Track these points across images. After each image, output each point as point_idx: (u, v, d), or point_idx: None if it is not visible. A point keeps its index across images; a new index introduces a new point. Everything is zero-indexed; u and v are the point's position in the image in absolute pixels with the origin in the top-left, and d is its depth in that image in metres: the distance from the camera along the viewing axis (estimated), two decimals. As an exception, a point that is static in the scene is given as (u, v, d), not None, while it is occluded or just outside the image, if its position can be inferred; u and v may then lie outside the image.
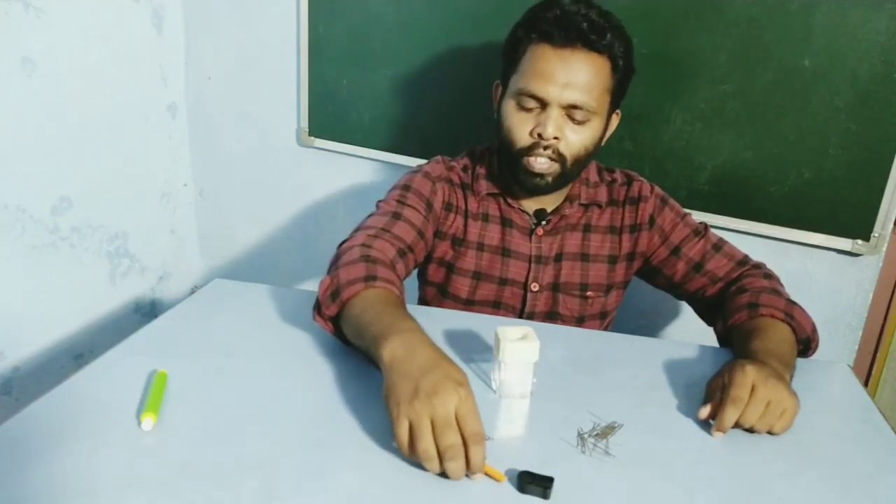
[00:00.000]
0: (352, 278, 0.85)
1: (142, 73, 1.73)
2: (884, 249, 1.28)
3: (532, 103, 0.97)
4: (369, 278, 0.85)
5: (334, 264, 0.91)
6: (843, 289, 1.36)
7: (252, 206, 1.90)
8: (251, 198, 1.90)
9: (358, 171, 1.72)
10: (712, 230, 1.12)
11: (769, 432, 0.76)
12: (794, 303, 0.97)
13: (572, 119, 0.97)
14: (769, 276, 1.06)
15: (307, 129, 1.72)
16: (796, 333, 0.93)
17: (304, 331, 0.94)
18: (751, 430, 0.76)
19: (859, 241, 1.28)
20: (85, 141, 1.58)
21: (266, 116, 1.78)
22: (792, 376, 0.85)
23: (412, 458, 0.65)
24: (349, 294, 0.84)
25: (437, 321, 0.98)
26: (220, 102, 1.84)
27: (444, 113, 1.53)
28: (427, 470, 0.65)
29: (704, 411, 0.77)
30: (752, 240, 1.34)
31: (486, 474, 0.65)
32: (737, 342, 0.94)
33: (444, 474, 0.64)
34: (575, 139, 0.98)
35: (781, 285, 1.04)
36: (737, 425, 0.75)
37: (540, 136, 0.97)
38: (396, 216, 1.01)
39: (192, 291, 1.16)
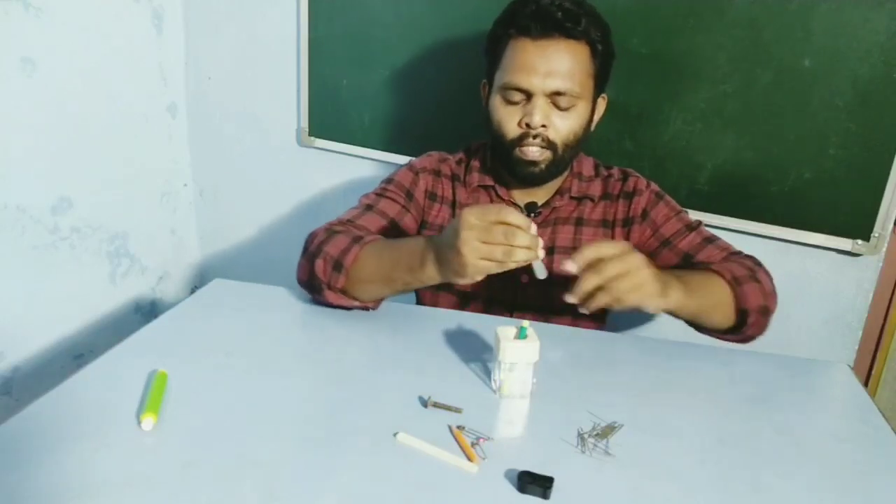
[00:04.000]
0: (343, 248, 0.93)
1: (142, 73, 1.72)
2: (884, 249, 1.28)
3: (518, 96, 1.00)
4: (357, 240, 0.94)
5: (307, 251, 0.98)
6: (843, 289, 1.36)
7: (252, 206, 1.90)
8: (251, 198, 1.90)
9: (358, 171, 1.72)
10: (707, 228, 1.12)
11: (617, 300, 0.79)
12: (756, 280, 0.97)
13: (558, 106, 1.00)
14: (756, 263, 1.04)
15: (307, 129, 1.72)
16: (737, 299, 0.94)
17: (305, 331, 0.94)
18: (603, 299, 0.79)
19: (859, 241, 1.28)
20: (85, 141, 1.58)
21: (266, 116, 1.78)
22: (687, 306, 0.88)
23: (510, 266, 0.78)
24: (351, 259, 0.91)
25: (438, 321, 0.98)
26: (220, 102, 1.84)
27: (444, 112, 1.53)
28: (521, 263, 0.78)
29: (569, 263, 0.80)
30: (752, 240, 1.34)
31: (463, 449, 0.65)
32: None
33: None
34: (562, 125, 1.01)
35: (768, 277, 1.03)
36: (586, 278, 0.79)
37: (528, 125, 1.00)
38: (369, 208, 1.08)
39: (192, 291, 1.16)
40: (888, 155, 1.22)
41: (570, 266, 0.79)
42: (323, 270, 0.94)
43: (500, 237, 0.76)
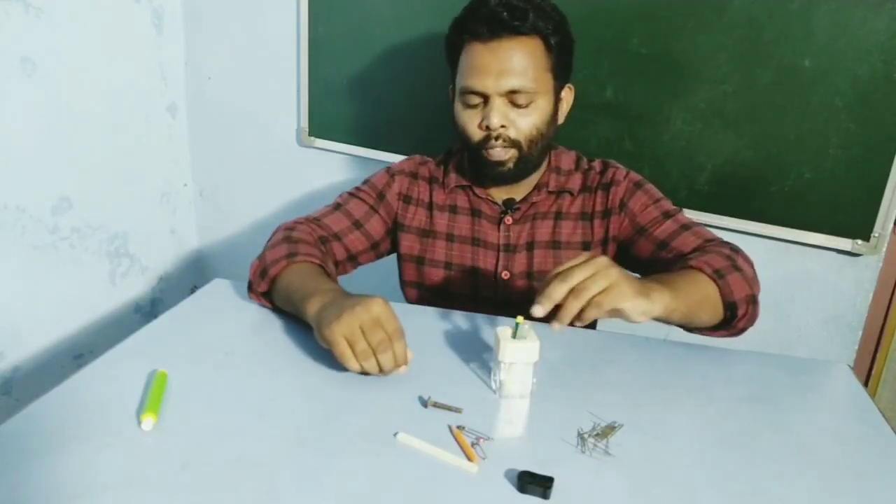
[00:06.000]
0: (276, 258, 0.96)
1: (142, 73, 1.73)
2: (884, 249, 1.28)
3: (475, 99, 1.01)
4: (290, 255, 0.96)
5: (264, 246, 1.02)
6: (843, 289, 1.36)
7: (252, 206, 1.90)
8: (251, 198, 1.90)
9: (358, 171, 1.72)
10: (707, 228, 1.11)
11: (590, 304, 0.74)
12: (737, 269, 0.93)
13: (516, 104, 1.00)
14: (734, 249, 1.00)
15: (307, 129, 1.72)
16: (722, 293, 0.92)
17: (304, 331, 0.94)
18: (574, 305, 0.74)
19: (859, 241, 1.28)
20: (85, 141, 1.58)
21: (266, 116, 1.79)
22: (678, 310, 0.84)
23: (353, 365, 0.76)
24: (275, 271, 0.95)
25: (438, 321, 0.98)
26: (220, 102, 1.84)
27: (444, 112, 1.52)
28: (367, 372, 0.77)
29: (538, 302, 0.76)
30: (752, 240, 1.34)
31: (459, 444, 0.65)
32: None
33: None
34: (523, 122, 1.01)
35: (749, 263, 0.99)
36: (552, 287, 0.75)
37: (488, 127, 1.01)
38: (337, 207, 1.12)
39: (192, 291, 1.16)
40: (888, 155, 1.22)
41: (538, 304, 0.76)
42: (253, 271, 0.98)
43: (374, 338, 0.76)
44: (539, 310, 0.76)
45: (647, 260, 1.08)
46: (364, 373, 0.78)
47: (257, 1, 1.70)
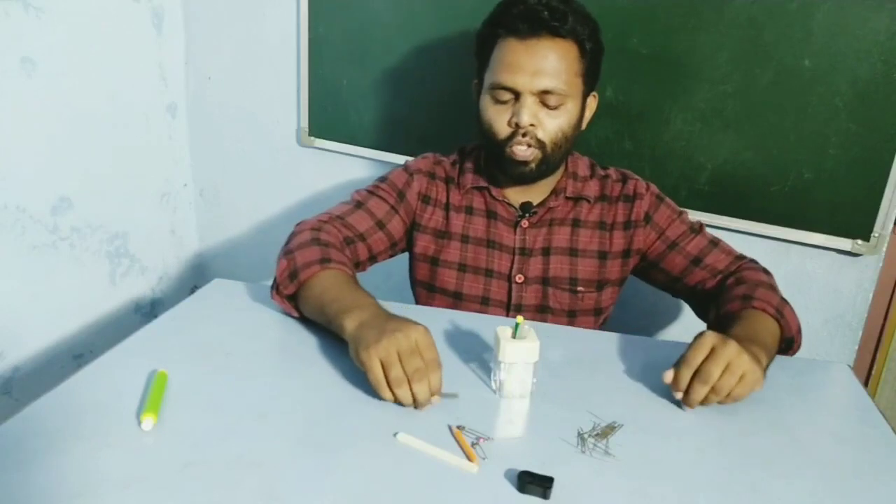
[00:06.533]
0: (308, 261, 0.93)
1: (142, 73, 1.73)
2: (884, 249, 1.28)
3: (506, 95, 1.01)
4: (324, 260, 0.93)
5: (287, 245, 0.99)
6: (843, 289, 1.36)
7: (252, 207, 1.90)
8: (251, 198, 1.90)
9: (358, 171, 1.72)
10: (707, 228, 1.13)
11: (729, 397, 0.78)
12: (786, 301, 0.99)
13: (546, 105, 1.00)
14: (766, 272, 1.07)
15: (307, 129, 1.72)
16: (783, 331, 0.94)
17: (305, 331, 0.94)
18: (714, 399, 0.79)
19: (859, 241, 1.28)
20: (85, 141, 1.58)
21: (266, 116, 1.78)
22: (767, 365, 0.85)
23: (385, 394, 0.74)
24: (307, 275, 0.92)
25: (438, 321, 0.98)
26: (220, 102, 1.84)
27: (444, 112, 1.53)
28: (400, 401, 0.75)
29: (668, 375, 0.80)
30: (752, 240, 1.34)
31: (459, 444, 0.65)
32: (724, 329, 0.94)
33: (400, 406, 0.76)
34: (551, 124, 1.01)
35: (775, 282, 1.05)
36: (694, 390, 0.79)
37: (517, 124, 1.00)
38: (359, 205, 1.09)
39: (192, 291, 1.16)
40: (888, 155, 1.22)
41: (668, 378, 0.80)
42: (281, 272, 0.95)
43: (410, 366, 0.74)
44: (688, 409, 0.81)
45: (678, 275, 1.11)
46: (397, 402, 0.76)
47: (257, 1, 1.70)
